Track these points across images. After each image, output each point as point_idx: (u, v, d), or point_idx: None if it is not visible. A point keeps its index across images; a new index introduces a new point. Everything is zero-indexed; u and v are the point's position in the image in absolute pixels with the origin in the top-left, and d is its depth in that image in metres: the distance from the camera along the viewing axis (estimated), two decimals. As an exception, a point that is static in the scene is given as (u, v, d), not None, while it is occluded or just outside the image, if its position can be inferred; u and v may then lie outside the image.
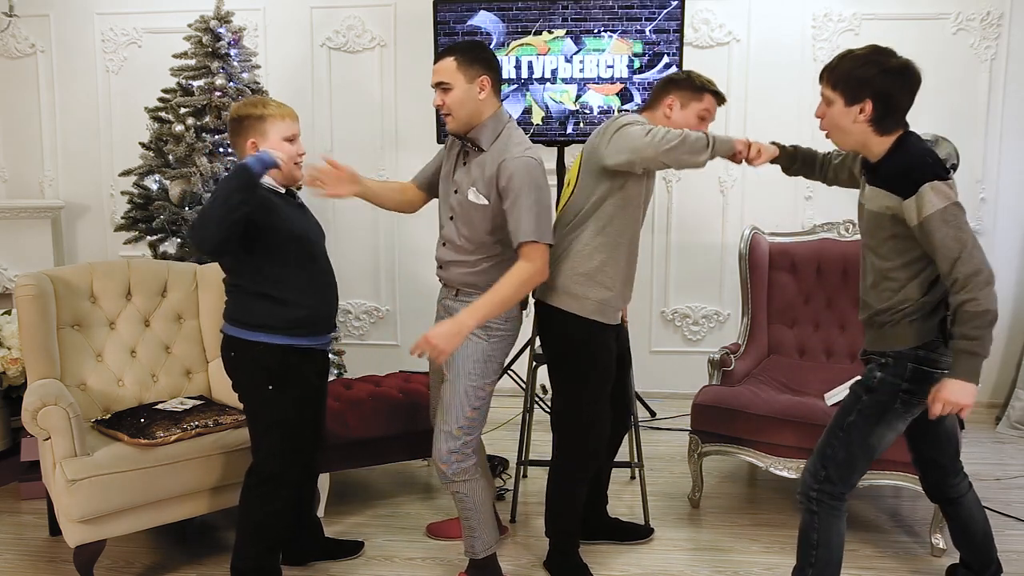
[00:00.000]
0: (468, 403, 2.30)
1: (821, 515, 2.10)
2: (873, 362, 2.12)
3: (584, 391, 2.40)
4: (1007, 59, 4.18)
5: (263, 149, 2.22)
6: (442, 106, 2.25)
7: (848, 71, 2.00)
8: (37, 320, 2.60)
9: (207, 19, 3.78)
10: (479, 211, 2.28)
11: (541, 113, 3.93)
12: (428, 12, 3.94)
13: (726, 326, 4.49)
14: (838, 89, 2.01)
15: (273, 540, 2.36)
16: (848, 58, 2.01)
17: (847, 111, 2.01)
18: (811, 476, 2.12)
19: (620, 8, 3.83)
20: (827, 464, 2.10)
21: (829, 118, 2.06)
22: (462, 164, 2.34)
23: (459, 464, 2.32)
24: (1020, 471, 3.47)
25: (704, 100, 2.47)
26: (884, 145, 2.03)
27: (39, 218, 4.52)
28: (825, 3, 4.26)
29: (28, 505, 3.07)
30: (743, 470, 3.43)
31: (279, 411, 2.27)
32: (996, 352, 4.36)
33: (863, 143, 2.05)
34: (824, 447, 2.11)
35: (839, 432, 2.10)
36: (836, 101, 2.02)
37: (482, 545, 2.42)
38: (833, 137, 2.10)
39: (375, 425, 2.93)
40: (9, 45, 4.72)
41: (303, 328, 2.27)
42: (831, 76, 2.03)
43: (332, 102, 4.55)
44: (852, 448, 2.08)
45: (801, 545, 2.15)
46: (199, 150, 3.65)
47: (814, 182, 2.55)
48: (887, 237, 2.03)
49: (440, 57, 2.27)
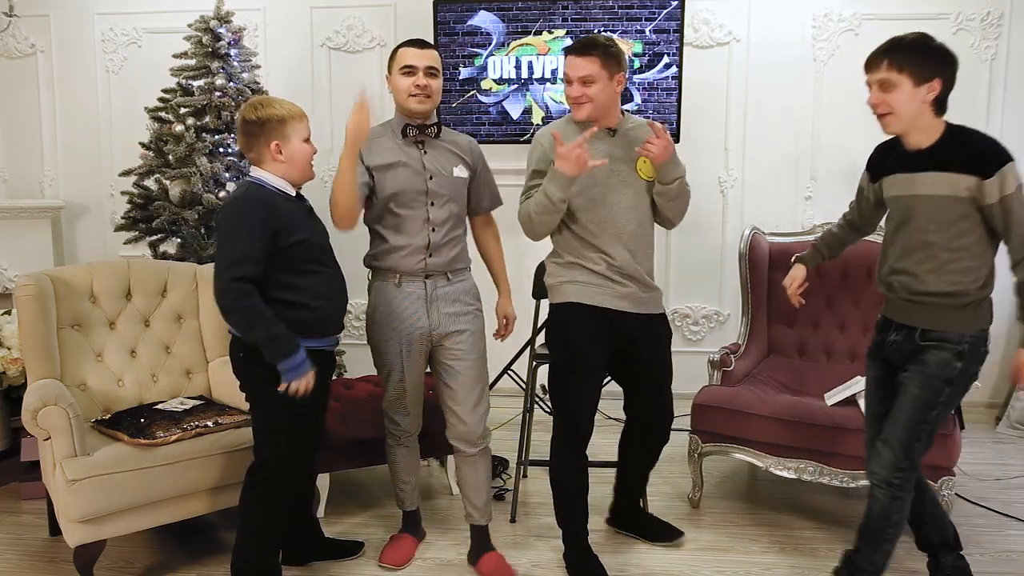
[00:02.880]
0: (486, 378, 2.59)
1: (905, 498, 2.18)
2: (938, 347, 2.13)
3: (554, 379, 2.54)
4: (1007, 59, 4.18)
5: (303, 368, 2.18)
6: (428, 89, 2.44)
7: (915, 52, 2.04)
8: (37, 320, 2.60)
9: (207, 19, 3.78)
10: (463, 185, 2.55)
11: (541, 113, 3.93)
12: (428, 12, 3.95)
13: (726, 326, 4.49)
14: (905, 71, 2.03)
15: (273, 540, 2.37)
16: (908, 42, 2.06)
17: (915, 92, 2.04)
18: (891, 467, 2.16)
19: (620, 8, 3.83)
20: (911, 454, 2.16)
21: (890, 102, 2.07)
22: (423, 152, 2.48)
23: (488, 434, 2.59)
24: (1020, 471, 3.47)
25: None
26: (937, 129, 2.09)
27: (39, 218, 4.51)
28: (825, 3, 4.26)
29: (28, 505, 3.07)
30: (743, 470, 3.43)
31: (285, 412, 2.25)
32: (996, 352, 4.36)
33: (917, 126, 2.09)
34: (909, 439, 2.15)
35: (924, 425, 2.15)
36: (902, 83, 2.04)
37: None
38: (889, 121, 2.10)
39: (375, 425, 2.92)
40: (9, 45, 4.72)
41: (311, 330, 2.27)
42: (896, 59, 2.04)
43: (332, 102, 4.55)
44: (932, 438, 2.19)
45: (876, 529, 2.22)
46: (199, 150, 3.65)
47: (814, 182, 2.58)
48: (955, 219, 2.07)
49: (430, 47, 2.49)
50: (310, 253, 2.29)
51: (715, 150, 4.37)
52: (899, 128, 2.11)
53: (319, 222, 2.41)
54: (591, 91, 2.35)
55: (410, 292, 2.48)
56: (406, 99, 2.44)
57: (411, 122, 2.48)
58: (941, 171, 2.06)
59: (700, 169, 4.38)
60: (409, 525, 2.76)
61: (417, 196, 2.46)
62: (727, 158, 4.39)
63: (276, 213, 2.21)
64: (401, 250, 2.47)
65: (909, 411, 2.16)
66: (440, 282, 2.50)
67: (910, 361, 2.19)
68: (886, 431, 2.20)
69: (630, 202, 2.45)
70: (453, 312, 2.51)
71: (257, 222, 2.16)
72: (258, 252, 2.15)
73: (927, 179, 2.09)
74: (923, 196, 2.10)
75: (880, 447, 2.20)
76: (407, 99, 2.44)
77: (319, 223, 2.41)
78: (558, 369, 2.52)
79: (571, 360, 2.48)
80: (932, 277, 2.12)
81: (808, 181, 4.36)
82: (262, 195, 2.25)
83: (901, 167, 2.15)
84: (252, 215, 2.17)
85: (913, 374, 2.16)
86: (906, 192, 2.14)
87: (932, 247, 2.11)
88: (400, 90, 2.45)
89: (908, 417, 2.15)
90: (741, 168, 4.39)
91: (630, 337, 2.49)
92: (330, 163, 4.56)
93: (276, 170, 2.28)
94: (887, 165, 2.23)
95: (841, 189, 4.30)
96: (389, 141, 2.49)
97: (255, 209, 2.19)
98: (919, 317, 2.17)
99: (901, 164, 2.16)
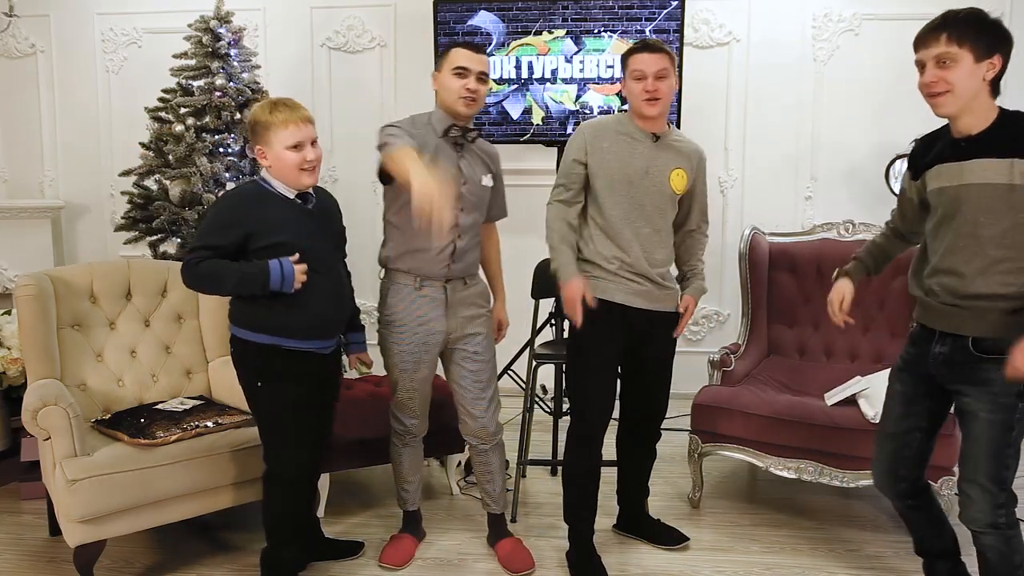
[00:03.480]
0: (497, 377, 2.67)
1: (1017, 533, 1.99)
2: (999, 361, 1.88)
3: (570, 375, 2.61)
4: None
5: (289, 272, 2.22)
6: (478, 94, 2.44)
7: (976, 26, 1.87)
8: (37, 320, 2.60)
9: (207, 19, 3.78)
10: (487, 194, 2.56)
11: (541, 113, 3.93)
12: (428, 12, 3.95)
13: (726, 326, 4.49)
14: (965, 45, 1.86)
15: (280, 535, 2.41)
16: (966, 14, 1.88)
17: (976, 67, 1.87)
18: (990, 506, 1.97)
19: (620, 8, 3.83)
20: (1005, 485, 1.97)
21: (949, 79, 1.88)
22: (460, 156, 2.47)
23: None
24: (1020, 471, 3.45)
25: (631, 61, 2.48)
26: (991, 113, 1.92)
27: (39, 218, 4.52)
28: (825, 3, 4.26)
29: (28, 505, 3.07)
30: (743, 470, 3.43)
31: (268, 408, 2.32)
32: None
33: (973, 107, 1.90)
34: (997, 470, 1.96)
35: (1008, 450, 1.95)
36: (963, 58, 1.86)
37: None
38: (945, 100, 1.90)
39: (375, 425, 2.93)
40: (9, 45, 4.73)
41: (293, 332, 2.28)
42: (955, 32, 1.86)
43: (332, 102, 4.55)
44: (1018, 457, 1.97)
45: (1001, 571, 2.01)
46: (199, 150, 3.65)
47: (814, 182, 2.54)
48: (1009, 210, 1.87)
49: (483, 51, 2.49)
50: (290, 255, 2.26)
51: (715, 150, 4.37)
52: (954, 108, 1.90)
53: (327, 225, 2.39)
54: (664, 87, 2.41)
55: (430, 296, 2.48)
56: (456, 100, 2.41)
57: (456, 123, 2.45)
58: (995, 157, 1.87)
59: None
60: (410, 525, 2.77)
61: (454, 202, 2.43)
62: (727, 158, 4.39)
63: (256, 213, 2.24)
64: (426, 253, 2.45)
65: (988, 439, 1.95)
66: (458, 286, 2.51)
67: (965, 380, 1.97)
68: (967, 470, 1.99)
69: (656, 207, 2.49)
70: (468, 315, 2.53)
71: (228, 218, 2.25)
72: (219, 243, 2.22)
73: (978, 166, 1.89)
74: (973, 185, 1.90)
75: (968, 490, 1.99)
76: (456, 100, 2.40)
77: (326, 226, 2.39)
78: (572, 365, 2.58)
79: (584, 357, 2.53)
80: (980, 277, 1.91)
81: (808, 181, 4.36)
82: (253, 193, 2.30)
83: (949, 156, 1.96)
84: (227, 210, 2.27)
85: (977, 398, 1.94)
86: (953, 182, 1.94)
87: (981, 242, 1.90)
88: (451, 90, 2.41)
89: (989, 446, 1.95)
90: (741, 168, 4.39)
91: (641, 332, 2.52)
92: (329, 163, 4.57)
93: (271, 172, 2.30)
94: (931, 157, 2.02)
95: (841, 189, 4.31)
96: (432, 139, 2.44)
97: (233, 205, 2.29)
98: (967, 324, 1.95)
99: (949, 153, 1.96)
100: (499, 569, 2.62)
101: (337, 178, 4.56)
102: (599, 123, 2.54)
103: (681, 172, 2.50)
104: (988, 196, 1.89)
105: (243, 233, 2.22)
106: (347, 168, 4.51)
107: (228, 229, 2.23)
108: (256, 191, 2.31)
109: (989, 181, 1.88)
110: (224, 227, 2.24)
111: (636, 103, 2.44)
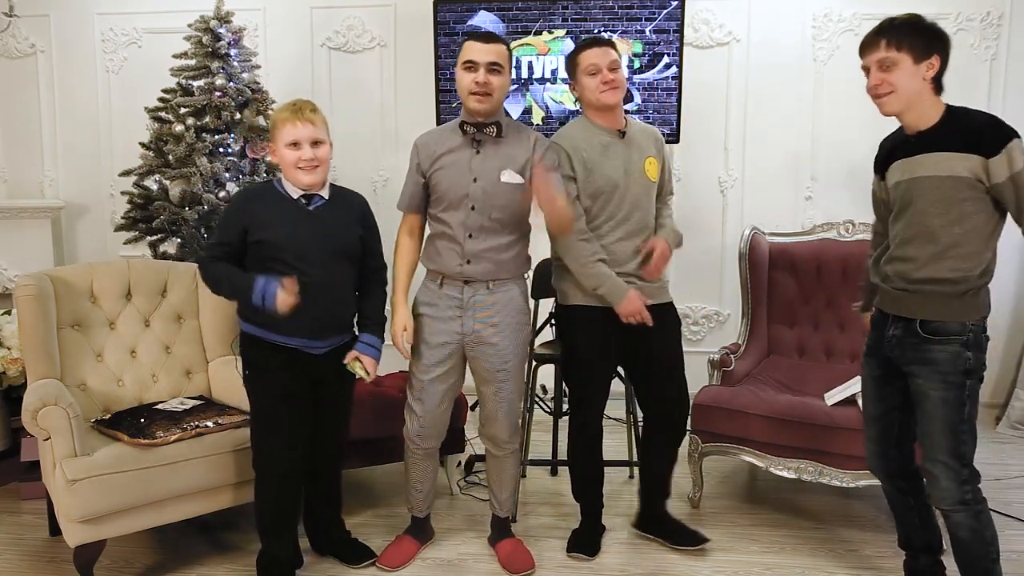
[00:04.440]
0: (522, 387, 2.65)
1: (985, 508, 2.09)
2: (945, 342, 2.04)
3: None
4: (1007, 59, 4.18)
5: (271, 293, 2.25)
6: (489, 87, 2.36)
7: (911, 30, 2.03)
8: (37, 320, 2.60)
9: (207, 19, 3.78)
10: (513, 191, 2.41)
11: (541, 113, 3.93)
12: (428, 12, 3.95)
13: (726, 326, 4.49)
14: (903, 48, 2.01)
15: (266, 528, 2.46)
16: (902, 20, 2.05)
17: (915, 69, 2.02)
18: (955, 484, 2.06)
19: (620, 8, 3.83)
20: (966, 462, 2.07)
21: (891, 81, 2.03)
22: (475, 153, 2.41)
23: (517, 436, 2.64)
24: (1020, 471, 3.47)
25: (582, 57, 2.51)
26: (937, 108, 2.05)
27: (39, 218, 4.52)
28: (825, 3, 4.25)
29: (28, 505, 3.07)
30: (743, 470, 3.43)
31: (254, 398, 2.41)
32: (996, 352, 4.36)
33: (917, 105, 2.04)
34: (955, 446, 2.06)
35: (962, 426, 2.06)
36: (902, 60, 2.01)
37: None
38: (889, 101, 2.05)
39: (375, 425, 2.93)
40: (9, 45, 4.72)
41: (271, 326, 2.34)
42: (894, 36, 2.02)
43: (332, 102, 4.55)
44: (975, 433, 2.08)
45: (975, 555, 2.11)
46: (199, 150, 3.65)
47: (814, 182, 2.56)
48: (959, 200, 2.00)
49: (496, 41, 2.41)
50: (272, 253, 2.32)
51: (715, 150, 4.37)
52: (897, 106, 2.05)
53: (330, 228, 2.39)
54: (619, 77, 2.48)
55: (449, 295, 2.46)
56: (466, 97, 2.37)
57: (469, 120, 2.41)
58: (942, 151, 2.01)
59: (700, 169, 4.39)
60: (414, 528, 2.74)
61: (459, 199, 2.41)
62: (727, 158, 4.39)
63: (251, 210, 2.36)
64: (441, 253, 2.46)
65: (942, 417, 2.06)
66: (480, 289, 2.44)
67: (915, 361, 2.10)
68: (928, 449, 2.09)
69: (637, 201, 2.54)
70: (489, 322, 2.45)
71: (228, 216, 2.43)
72: (223, 238, 2.38)
73: (927, 160, 2.03)
74: (923, 178, 2.04)
75: (932, 468, 2.08)
76: (467, 97, 2.36)
77: (329, 229, 2.39)
78: (567, 366, 2.68)
79: (576, 359, 2.61)
80: (932, 263, 2.04)
81: (808, 181, 4.36)
82: (254, 191, 2.50)
83: (903, 153, 2.11)
84: (231, 207, 2.45)
85: (927, 377, 2.07)
86: (907, 176, 2.08)
87: (933, 231, 2.03)
88: (462, 86, 2.38)
89: (944, 424, 2.05)
90: (741, 168, 4.39)
91: (637, 330, 2.51)
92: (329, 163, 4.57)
93: (283, 171, 2.43)
94: (888, 156, 2.18)
95: (841, 189, 4.31)
96: (448, 139, 2.45)
97: (235, 202, 2.46)
98: (916, 307, 2.09)
99: (902, 150, 2.11)
100: (500, 569, 2.62)
101: (337, 178, 4.54)
102: (570, 138, 2.51)
103: (652, 160, 2.58)
104: (937, 188, 2.02)
105: (241, 228, 2.36)
106: (347, 168, 4.51)
107: (228, 226, 2.39)
108: (259, 189, 2.50)
109: (937, 173, 2.02)
110: (225, 225, 2.42)
111: (594, 96, 2.47)
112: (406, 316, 2.47)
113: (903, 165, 2.10)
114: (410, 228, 2.54)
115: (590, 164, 2.48)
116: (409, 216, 2.53)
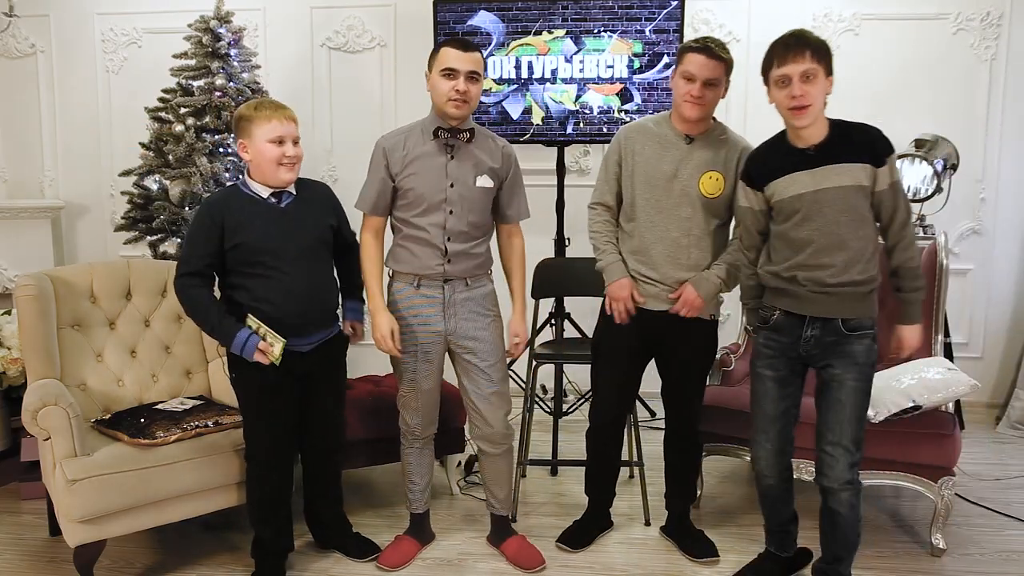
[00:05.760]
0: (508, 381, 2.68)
1: (861, 486, 2.23)
2: (860, 336, 2.19)
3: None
4: (1007, 59, 4.18)
5: (250, 350, 2.31)
6: (468, 95, 2.39)
7: (826, 47, 2.11)
8: (37, 320, 2.60)
9: (207, 19, 3.78)
10: (486, 195, 2.49)
11: (541, 113, 3.93)
12: (428, 12, 3.95)
13: (726, 326, 4.49)
14: (821, 63, 2.09)
15: (256, 514, 2.49)
16: (808, 34, 2.14)
17: (826, 83, 2.11)
18: (847, 464, 2.19)
19: (620, 8, 3.83)
20: (861, 446, 2.21)
21: (812, 92, 2.09)
22: (449, 158, 2.44)
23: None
24: (1020, 471, 3.46)
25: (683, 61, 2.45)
26: (826, 122, 2.16)
27: (39, 218, 4.51)
28: (825, 3, 4.26)
29: (28, 505, 3.07)
30: (743, 470, 3.43)
31: (240, 392, 2.45)
32: (996, 352, 4.36)
33: (820, 119, 2.14)
34: (857, 432, 2.20)
35: (864, 413, 2.21)
36: (820, 74, 2.09)
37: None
38: (807, 113, 2.10)
39: (375, 425, 2.93)
40: (9, 45, 4.73)
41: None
42: (817, 51, 2.09)
43: (332, 102, 4.55)
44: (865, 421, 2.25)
45: (852, 532, 2.26)
46: (199, 150, 3.65)
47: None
48: (859, 208, 2.13)
49: (474, 49, 2.41)
50: (250, 256, 2.34)
51: (715, 150, 4.37)
52: (811, 119, 2.11)
53: (303, 222, 2.41)
54: (711, 94, 2.41)
55: (428, 295, 2.49)
56: (444, 103, 2.38)
57: (443, 125, 2.43)
58: (843, 163, 2.11)
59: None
60: (414, 528, 2.75)
61: (436, 203, 2.44)
62: (727, 158, 4.39)
63: (224, 217, 2.33)
64: (417, 255, 2.47)
65: (853, 404, 2.19)
66: (458, 287, 2.50)
67: (834, 355, 2.20)
68: (834, 434, 2.20)
69: (683, 212, 2.47)
70: (471, 318, 2.52)
71: (202, 225, 2.35)
72: (201, 251, 2.33)
73: (832, 172, 2.11)
74: (831, 189, 2.11)
75: (833, 452, 2.20)
76: (445, 103, 2.38)
77: (302, 223, 2.41)
78: (593, 357, 2.71)
79: (598, 352, 2.68)
80: (846, 268, 2.14)
81: (808, 181, 4.35)
82: (222, 197, 2.40)
83: (798, 165, 2.15)
84: (199, 218, 2.37)
85: (845, 369, 2.18)
86: (811, 188, 2.13)
87: (844, 239, 2.13)
88: (439, 92, 2.39)
89: (854, 411, 2.19)
90: (741, 168, 4.39)
91: (661, 334, 2.55)
92: (329, 163, 4.57)
93: (252, 171, 2.40)
94: (773, 168, 2.21)
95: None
96: (419, 143, 2.46)
97: (204, 212, 2.37)
98: (836, 307, 2.18)
99: (797, 162, 2.16)
100: (501, 568, 2.61)
101: (337, 178, 4.55)
102: (637, 125, 2.56)
103: (714, 175, 2.45)
104: (843, 198, 2.11)
105: (216, 236, 2.32)
106: (347, 168, 4.51)
107: (201, 238, 2.34)
108: (222, 196, 2.42)
109: (843, 184, 2.11)
110: (197, 237, 2.35)
111: (679, 101, 2.43)
112: (391, 320, 2.47)
113: (805, 177, 2.14)
114: (376, 231, 2.54)
115: (637, 155, 2.49)
116: (373, 219, 2.53)
